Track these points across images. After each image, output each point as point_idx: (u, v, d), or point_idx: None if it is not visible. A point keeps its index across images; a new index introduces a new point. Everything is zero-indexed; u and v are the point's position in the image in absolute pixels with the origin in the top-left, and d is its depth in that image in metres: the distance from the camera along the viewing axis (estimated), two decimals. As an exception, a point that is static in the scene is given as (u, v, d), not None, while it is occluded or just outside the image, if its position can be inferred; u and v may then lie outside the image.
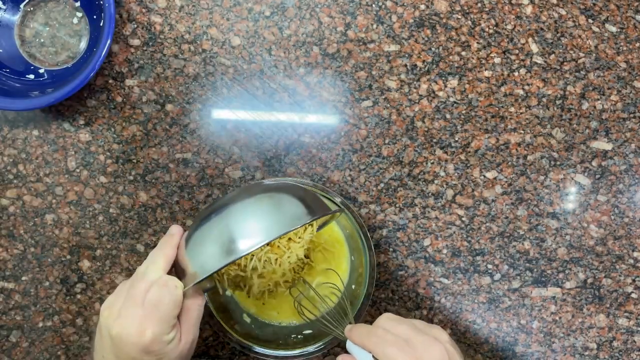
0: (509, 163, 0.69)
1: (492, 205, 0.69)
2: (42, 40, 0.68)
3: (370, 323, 0.69)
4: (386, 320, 0.51)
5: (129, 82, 0.68)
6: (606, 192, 0.70)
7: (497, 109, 0.70)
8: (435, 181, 0.69)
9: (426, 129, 0.69)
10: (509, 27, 0.70)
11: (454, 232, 0.69)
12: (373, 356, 0.48)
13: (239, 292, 0.66)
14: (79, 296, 0.69)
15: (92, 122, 0.69)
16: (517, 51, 0.70)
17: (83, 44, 0.67)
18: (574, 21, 0.70)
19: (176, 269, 0.52)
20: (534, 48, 0.70)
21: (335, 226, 0.67)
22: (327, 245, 0.66)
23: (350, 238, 0.66)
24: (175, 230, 0.54)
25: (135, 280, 0.49)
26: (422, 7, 0.69)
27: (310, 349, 0.62)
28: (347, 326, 0.55)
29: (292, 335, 0.66)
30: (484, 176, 0.69)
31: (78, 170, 0.68)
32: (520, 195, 0.69)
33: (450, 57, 0.69)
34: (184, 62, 0.69)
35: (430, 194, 0.69)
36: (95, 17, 0.67)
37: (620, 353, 0.70)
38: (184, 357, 0.51)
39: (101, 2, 0.62)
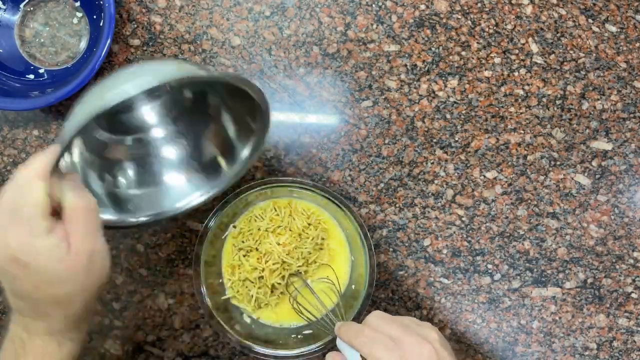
0: (509, 163, 0.69)
1: (492, 205, 0.69)
2: (42, 41, 0.68)
3: (370, 323, 0.69)
4: (375, 318, 0.50)
5: (129, 82, 0.68)
6: (606, 192, 0.70)
7: (497, 109, 0.70)
8: (435, 181, 0.69)
9: (426, 129, 0.69)
10: (509, 27, 0.70)
11: (454, 232, 0.69)
12: (361, 355, 0.47)
13: (242, 299, 0.66)
14: (79, 296, 0.69)
15: (92, 122, 0.69)
16: (517, 51, 0.70)
17: (83, 44, 0.67)
18: (574, 21, 0.70)
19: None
20: (534, 48, 0.70)
21: (336, 226, 0.67)
22: (329, 243, 0.66)
23: (350, 238, 0.66)
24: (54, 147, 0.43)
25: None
26: (422, 7, 0.69)
27: (310, 348, 0.62)
28: (337, 323, 0.55)
29: (292, 335, 0.66)
30: (484, 176, 0.69)
31: (78, 170, 0.68)
32: (520, 195, 0.69)
33: (450, 57, 0.69)
34: (184, 62, 0.69)
35: (430, 194, 0.69)
36: (95, 17, 0.67)
37: (620, 353, 0.70)
38: (86, 273, 0.43)
39: (101, 2, 0.62)
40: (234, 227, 0.66)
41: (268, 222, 0.65)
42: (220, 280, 0.66)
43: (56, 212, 0.43)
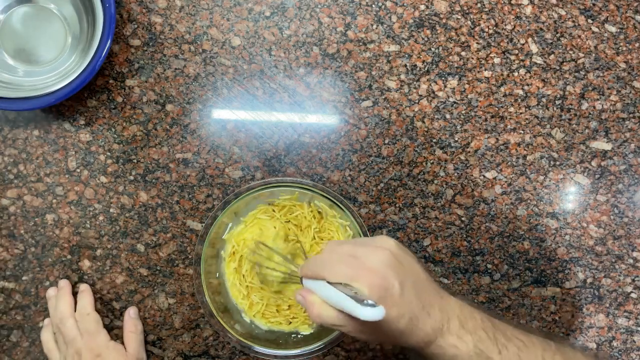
0: (509, 163, 0.70)
1: (492, 205, 0.69)
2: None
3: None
4: (330, 245, 0.50)
5: (129, 82, 0.69)
6: (606, 192, 0.70)
7: (496, 109, 0.70)
8: (435, 181, 0.69)
9: (426, 129, 0.69)
10: (509, 27, 0.70)
11: (454, 232, 0.69)
12: (327, 282, 0.46)
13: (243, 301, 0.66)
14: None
15: (92, 122, 0.69)
16: (516, 51, 0.70)
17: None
18: (573, 21, 0.70)
19: None
20: (534, 48, 0.70)
21: (337, 225, 0.67)
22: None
23: (350, 238, 0.66)
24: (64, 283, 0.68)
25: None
26: (422, 7, 0.69)
27: (310, 348, 0.62)
28: (300, 267, 0.54)
29: (292, 335, 0.66)
30: (484, 176, 0.70)
31: (78, 170, 0.69)
32: (519, 195, 0.70)
33: (450, 57, 0.69)
34: (185, 63, 0.69)
35: (430, 194, 0.69)
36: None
37: (620, 353, 0.70)
38: None
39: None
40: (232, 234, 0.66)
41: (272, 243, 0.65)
42: (220, 280, 0.67)
43: None
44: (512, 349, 0.47)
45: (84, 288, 0.67)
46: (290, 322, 0.66)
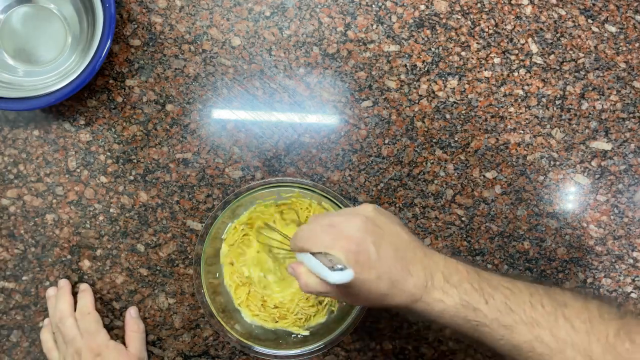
0: (509, 163, 0.70)
1: (492, 205, 0.69)
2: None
3: (371, 325, 0.69)
4: (312, 217, 0.52)
5: (129, 82, 0.69)
6: (606, 192, 0.70)
7: (496, 109, 0.70)
8: (435, 181, 0.69)
9: (426, 129, 0.69)
10: (509, 27, 0.70)
11: (454, 232, 0.69)
12: (310, 253, 0.49)
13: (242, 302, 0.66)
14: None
15: (92, 122, 0.69)
16: (516, 51, 0.70)
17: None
18: (573, 21, 0.70)
19: None
20: (534, 48, 0.70)
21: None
22: None
23: None
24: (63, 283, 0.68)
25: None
26: (422, 7, 0.69)
27: (310, 348, 0.62)
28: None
29: (292, 335, 0.66)
30: (484, 176, 0.70)
31: (78, 170, 0.69)
32: (519, 195, 0.70)
33: (450, 57, 0.69)
34: (185, 63, 0.69)
35: (430, 194, 0.69)
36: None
37: (620, 353, 0.70)
38: None
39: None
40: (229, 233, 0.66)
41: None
42: (220, 280, 0.67)
43: None
44: (498, 298, 0.47)
45: (84, 288, 0.67)
46: (277, 322, 0.66)
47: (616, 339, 0.45)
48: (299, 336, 0.65)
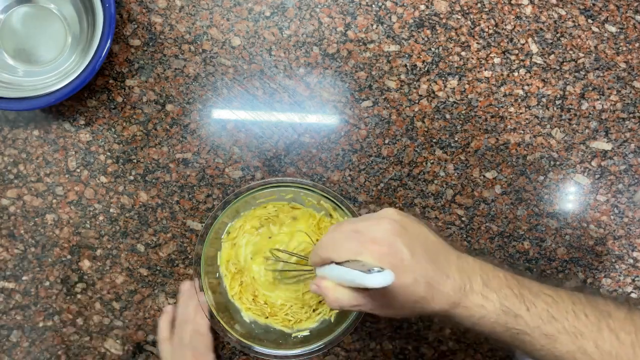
0: (509, 163, 0.70)
1: (492, 205, 0.69)
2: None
3: (371, 325, 0.69)
4: (331, 228, 0.50)
5: (129, 82, 0.69)
6: (606, 192, 0.70)
7: (496, 109, 0.70)
8: (435, 181, 0.69)
9: (426, 129, 0.69)
10: (509, 27, 0.70)
11: (454, 232, 0.69)
12: (336, 264, 0.46)
13: (240, 300, 0.66)
14: (79, 296, 0.69)
15: (92, 122, 0.69)
16: (516, 51, 0.70)
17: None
18: (573, 21, 0.70)
19: None
20: (534, 48, 0.70)
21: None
22: None
23: None
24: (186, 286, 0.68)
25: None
26: (422, 7, 0.69)
27: (310, 348, 0.62)
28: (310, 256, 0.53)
29: (292, 336, 0.66)
30: (484, 176, 0.70)
31: (78, 170, 0.69)
32: (519, 195, 0.70)
33: (450, 57, 0.69)
34: (185, 62, 0.69)
35: (430, 194, 0.69)
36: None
37: (620, 353, 0.70)
38: None
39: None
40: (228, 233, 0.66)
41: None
42: (220, 280, 0.66)
43: None
44: (540, 305, 0.45)
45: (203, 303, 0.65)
46: (267, 317, 0.66)
47: None
48: (299, 336, 0.65)
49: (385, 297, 0.44)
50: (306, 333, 0.65)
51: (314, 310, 0.66)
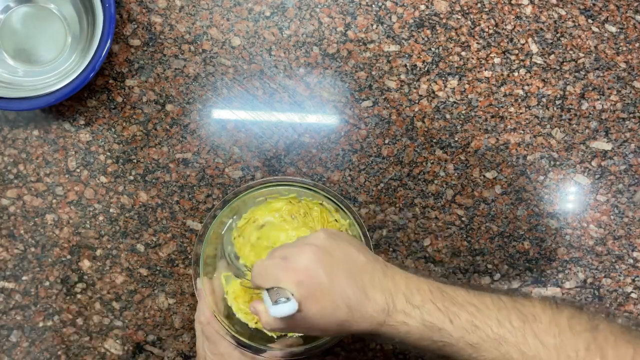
0: (509, 163, 0.70)
1: (492, 205, 0.69)
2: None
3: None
4: (270, 252, 0.52)
5: (129, 82, 0.69)
6: (606, 192, 0.70)
7: (496, 109, 0.70)
8: (435, 181, 0.69)
9: (426, 129, 0.69)
10: (509, 27, 0.70)
11: (454, 232, 0.69)
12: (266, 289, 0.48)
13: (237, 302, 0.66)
14: (79, 296, 0.69)
15: (92, 122, 0.69)
16: (516, 51, 0.70)
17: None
18: (573, 21, 0.70)
19: None
20: (534, 48, 0.70)
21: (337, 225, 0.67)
22: None
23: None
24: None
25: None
26: (422, 7, 0.69)
27: (311, 347, 0.62)
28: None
29: (290, 335, 0.66)
30: (484, 176, 0.70)
31: (78, 170, 0.69)
32: (519, 195, 0.70)
33: (450, 57, 0.69)
34: (184, 62, 0.69)
35: (430, 194, 0.69)
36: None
37: (620, 353, 0.70)
38: None
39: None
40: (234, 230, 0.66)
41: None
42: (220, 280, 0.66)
43: None
44: (464, 316, 0.46)
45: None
46: (257, 323, 0.65)
47: (587, 353, 0.44)
48: (295, 336, 0.65)
49: (306, 322, 0.47)
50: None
51: None
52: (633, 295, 0.70)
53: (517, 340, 0.45)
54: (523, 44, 0.70)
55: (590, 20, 0.70)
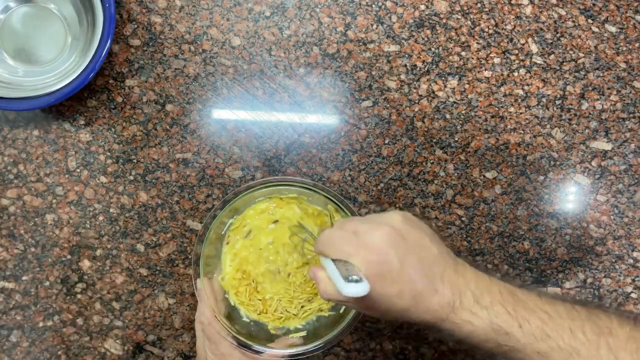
0: (509, 163, 0.70)
1: (492, 205, 0.69)
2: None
3: (371, 325, 0.69)
4: (338, 223, 0.50)
5: (129, 82, 0.69)
6: (606, 192, 0.70)
7: (496, 109, 0.70)
8: (435, 181, 0.69)
9: (426, 129, 0.69)
10: (509, 27, 0.70)
11: (454, 232, 0.69)
12: (331, 259, 0.47)
13: (239, 298, 0.66)
14: (79, 296, 0.69)
15: (92, 122, 0.69)
16: (516, 51, 0.70)
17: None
18: (573, 21, 0.70)
19: None
20: (534, 48, 0.70)
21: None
22: None
23: None
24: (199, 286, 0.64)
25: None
26: (422, 7, 0.69)
27: (310, 347, 0.62)
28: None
29: (291, 335, 0.66)
30: (484, 176, 0.70)
31: (78, 170, 0.69)
32: (519, 195, 0.70)
33: (450, 57, 0.69)
34: (184, 62, 0.69)
35: (430, 194, 0.69)
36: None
37: (620, 353, 0.70)
38: None
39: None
40: (231, 229, 0.66)
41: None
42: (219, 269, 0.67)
43: None
44: (534, 322, 0.44)
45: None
46: (260, 314, 0.65)
47: None
48: (297, 335, 0.65)
49: (368, 302, 0.45)
50: (303, 333, 0.65)
51: (302, 307, 0.65)
52: (633, 295, 0.70)
53: (589, 353, 0.43)
54: (523, 44, 0.70)
55: (590, 20, 0.70)
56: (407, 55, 0.69)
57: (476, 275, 0.47)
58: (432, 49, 0.69)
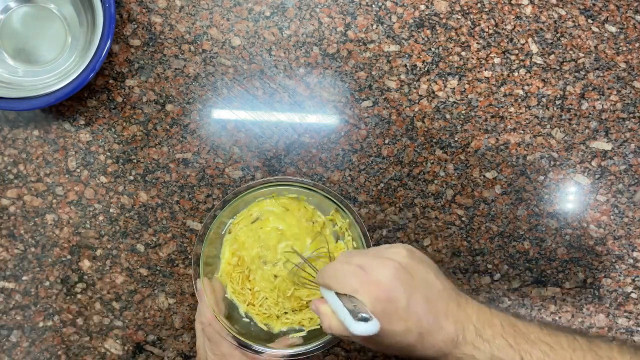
0: (509, 163, 0.70)
1: (492, 205, 0.69)
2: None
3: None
4: (342, 256, 0.50)
5: (129, 82, 0.69)
6: (606, 192, 0.70)
7: (496, 109, 0.70)
8: (435, 181, 0.69)
9: (426, 129, 0.69)
10: (509, 27, 0.70)
11: (454, 232, 0.69)
12: (336, 293, 0.46)
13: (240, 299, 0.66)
14: (79, 296, 0.69)
15: (92, 122, 0.69)
16: (516, 51, 0.70)
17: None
18: (573, 21, 0.70)
19: None
20: (534, 48, 0.70)
21: (336, 226, 0.67)
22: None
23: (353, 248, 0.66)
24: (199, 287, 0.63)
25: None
26: (422, 7, 0.69)
27: (310, 347, 0.62)
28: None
29: (291, 335, 0.66)
30: (484, 176, 0.70)
31: (78, 170, 0.69)
32: (519, 195, 0.70)
33: (450, 57, 0.69)
34: (184, 62, 0.69)
35: (430, 194, 0.69)
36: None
37: (620, 353, 0.70)
38: None
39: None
40: (231, 229, 0.66)
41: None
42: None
43: None
44: (536, 355, 0.45)
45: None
46: (248, 305, 0.65)
47: None
48: (297, 336, 0.65)
49: (373, 339, 0.45)
50: (304, 333, 0.65)
51: (285, 313, 0.65)
52: (633, 295, 0.70)
53: None
54: (523, 44, 0.70)
55: (590, 20, 0.70)
56: (407, 55, 0.69)
57: (478, 308, 0.48)
58: (432, 49, 0.69)
